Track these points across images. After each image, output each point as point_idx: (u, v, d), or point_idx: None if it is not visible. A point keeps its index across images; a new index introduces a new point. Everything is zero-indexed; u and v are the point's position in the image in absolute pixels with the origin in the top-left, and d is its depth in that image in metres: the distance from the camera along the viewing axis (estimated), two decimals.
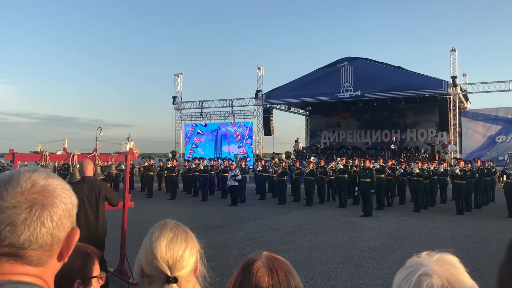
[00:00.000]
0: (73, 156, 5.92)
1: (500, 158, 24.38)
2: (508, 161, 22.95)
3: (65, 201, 0.95)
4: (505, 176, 14.25)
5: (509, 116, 25.85)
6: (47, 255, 0.93)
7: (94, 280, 1.55)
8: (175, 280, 1.29)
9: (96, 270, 1.58)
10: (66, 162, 6.23)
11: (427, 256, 0.98)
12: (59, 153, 9.22)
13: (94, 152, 6.35)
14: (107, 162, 8.75)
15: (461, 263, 0.99)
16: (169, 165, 20.21)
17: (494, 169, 17.62)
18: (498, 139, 26.04)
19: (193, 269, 1.35)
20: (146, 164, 21.08)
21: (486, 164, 16.96)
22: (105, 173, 13.94)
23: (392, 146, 27.89)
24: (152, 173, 20.52)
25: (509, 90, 26.30)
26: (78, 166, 5.70)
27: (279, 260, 1.29)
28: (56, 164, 19.80)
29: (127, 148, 7.76)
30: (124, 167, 9.84)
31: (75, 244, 0.98)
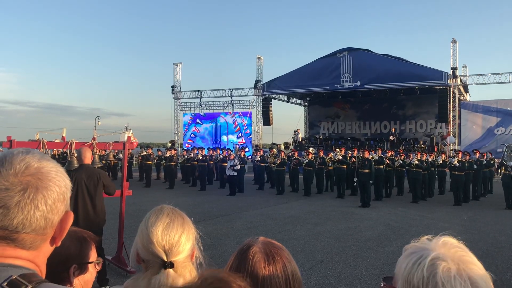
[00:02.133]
0: (70, 144, 5.90)
1: (498, 150, 24.38)
2: (506, 153, 22.97)
3: (59, 184, 0.93)
4: (503, 167, 14.27)
5: (509, 108, 25.83)
6: (40, 239, 0.92)
7: (90, 266, 1.54)
8: (171, 265, 1.28)
9: (93, 255, 1.57)
10: (64, 150, 6.21)
11: (431, 240, 0.96)
12: (57, 141, 9.21)
13: (92, 140, 6.32)
14: (105, 151, 8.75)
15: (465, 244, 0.97)
16: (168, 155, 20.20)
17: (492, 161, 17.65)
18: (497, 131, 26.05)
19: (189, 254, 1.34)
20: (145, 153, 21.08)
21: (485, 156, 16.99)
22: (103, 161, 13.92)
23: (391, 137, 27.90)
24: (150, 162, 20.52)
25: (509, 82, 26.24)
26: (75, 154, 5.69)
27: (275, 245, 1.28)
28: (55, 152, 19.81)
29: (126, 137, 7.76)
30: (122, 156, 9.83)
31: (68, 228, 0.97)
